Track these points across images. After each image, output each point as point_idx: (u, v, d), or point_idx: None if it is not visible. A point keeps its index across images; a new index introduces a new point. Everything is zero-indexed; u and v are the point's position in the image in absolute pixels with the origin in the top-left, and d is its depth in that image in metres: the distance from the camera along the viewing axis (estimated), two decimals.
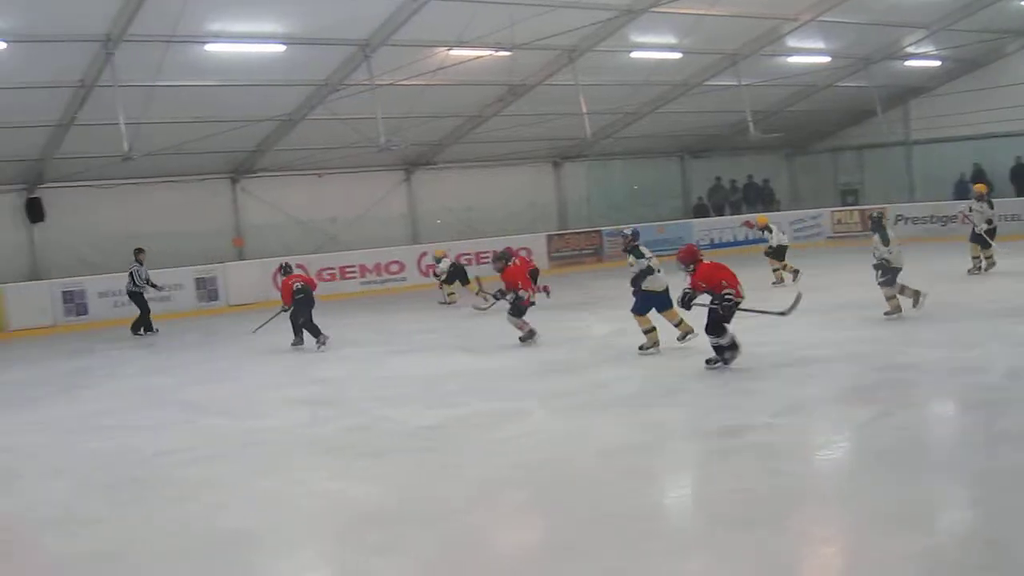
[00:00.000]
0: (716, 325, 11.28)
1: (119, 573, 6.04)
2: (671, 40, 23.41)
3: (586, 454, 8.06)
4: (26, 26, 16.83)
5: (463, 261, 23.61)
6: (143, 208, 24.16)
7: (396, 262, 26.43)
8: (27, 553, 6.67)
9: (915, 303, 13.95)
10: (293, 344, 15.88)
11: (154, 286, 20.27)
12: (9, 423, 11.26)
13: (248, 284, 24.32)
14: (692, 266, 11.56)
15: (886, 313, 13.93)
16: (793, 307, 11.62)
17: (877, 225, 14.33)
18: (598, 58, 22.94)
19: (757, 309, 11.84)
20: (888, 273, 13.87)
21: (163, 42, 17.97)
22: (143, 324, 19.79)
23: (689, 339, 12.73)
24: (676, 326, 12.92)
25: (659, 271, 12.85)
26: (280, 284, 16.47)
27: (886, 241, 13.88)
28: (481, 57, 20.54)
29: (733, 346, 11.30)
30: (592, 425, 9.14)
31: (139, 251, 20.29)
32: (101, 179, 22.77)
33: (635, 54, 23.75)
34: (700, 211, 32.69)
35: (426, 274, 25.44)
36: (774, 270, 19.72)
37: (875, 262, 13.99)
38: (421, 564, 5.80)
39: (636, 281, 12.89)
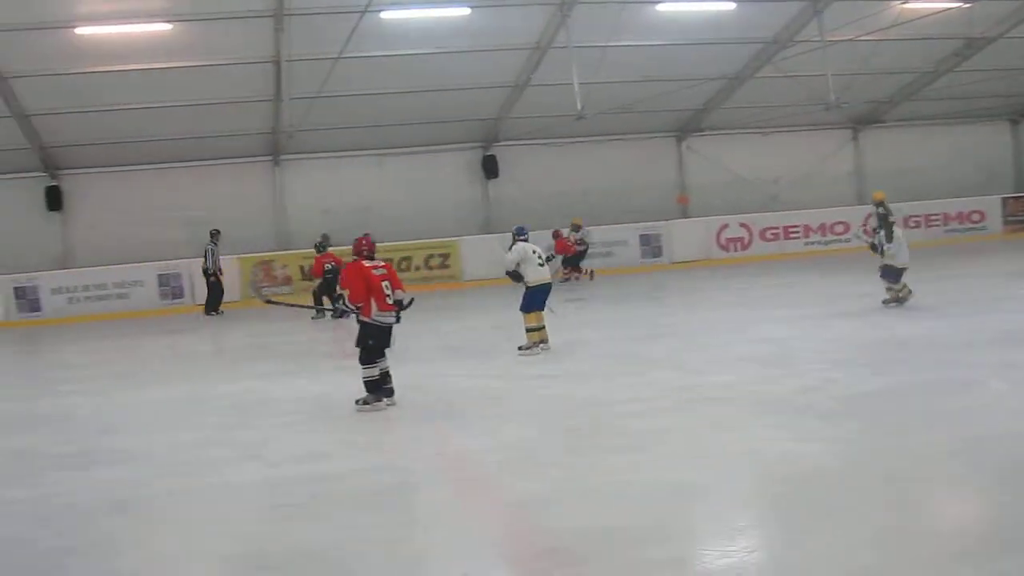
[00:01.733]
0: (363, 352, 10.15)
1: (555, 515, 6.53)
2: None
3: None
4: None
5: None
6: (590, 166, 25.58)
7: (841, 223, 25.97)
8: (486, 491, 7.47)
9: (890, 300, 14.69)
10: (313, 318, 17.85)
11: (218, 271, 21.46)
12: (474, 368, 12.52)
13: (691, 242, 25.05)
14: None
15: (884, 301, 14.70)
16: None
17: (883, 220, 15.17)
18: None
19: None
20: (889, 271, 14.66)
21: (617, 3, 18.92)
22: (211, 305, 21.21)
23: None
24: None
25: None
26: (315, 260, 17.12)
27: (889, 237, 14.73)
28: (937, 12, 19.71)
29: (379, 385, 10.11)
30: None
31: (215, 232, 22.04)
32: (551, 138, 24.25)
33: None
34: None
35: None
36: None
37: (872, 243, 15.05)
38: (870, 529, 5.87)
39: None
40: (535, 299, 13.06)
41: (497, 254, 23.57)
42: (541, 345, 13.09)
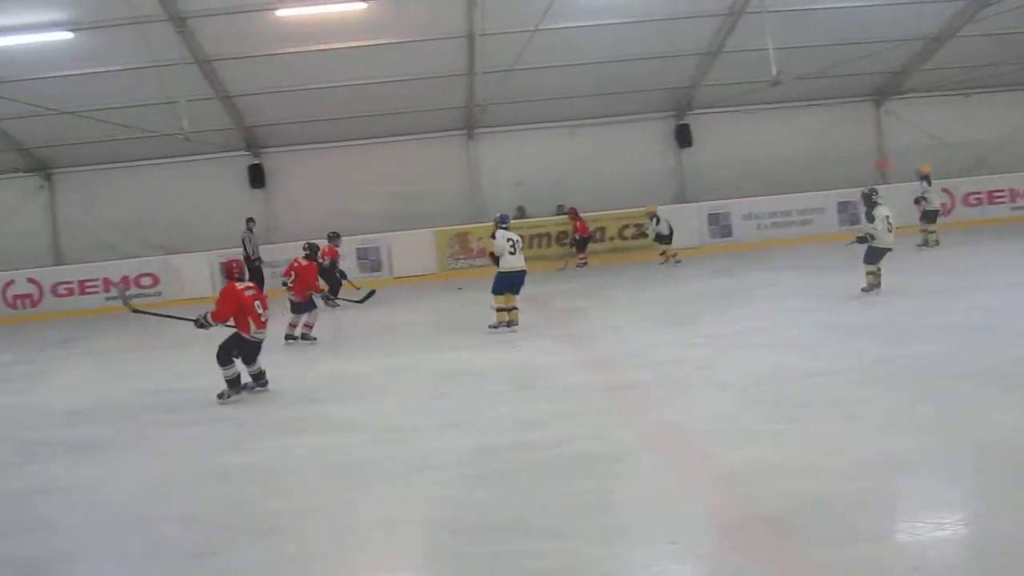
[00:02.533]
0: (222, 353, 10.93)
1: (767, 485, 6.62)
2: None
3: None
4: None
5: None
6: (785, 132, 25.15)
7: None
8: (696, 459, 7.60)
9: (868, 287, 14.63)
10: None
11: (258, 259, 21.75)
12: (677, 337, 12.63)
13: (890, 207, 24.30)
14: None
15: (863, 288, 14.60)
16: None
17: (867, 201, 15.36)
18: None
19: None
20: (872, 252, 14.69)
21: None
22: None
23: None
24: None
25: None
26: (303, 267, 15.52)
27: (870, 218, 15.01)
28: None
29: (237, 382, 10.96)
30: None
31: (249, 220, 22.53)
32: (745, 104, 23.96)
33: None
34: None
35: None
36: None
37: (859, 235, 15.04)
38: None
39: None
40: (505, 283, 14.21)
41: (692, 224, 23.81)
42: (510, 326, 14.17)
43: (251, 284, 11.47)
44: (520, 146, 25.18)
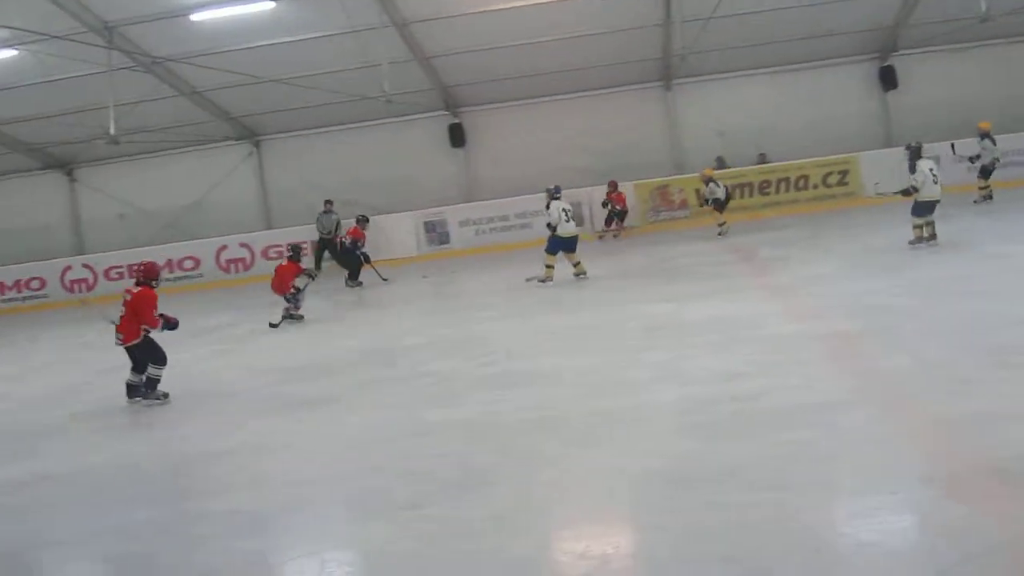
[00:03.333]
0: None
1: (991, 436, 6.35)
2: None
3: None
4: None
5: None
6: (994, 70, 23.73)
7: None
8: (913, 408, 7.38)
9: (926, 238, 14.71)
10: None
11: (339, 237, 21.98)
12: (885, 285, 12.27)
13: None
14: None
15: (910, 241, 14.78)
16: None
17: (914, 154, 14.96)
18: None
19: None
20: (919, 205, 14.65)
21: None
22: (354, 275, 20.76)
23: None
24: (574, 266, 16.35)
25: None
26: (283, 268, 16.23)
27: (912, 170, 14.75)
28: None
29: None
30: None
31: (327, 202, 23.40)
32: (952, 43, 22.85)
33: None
34: None
35: None
36: None
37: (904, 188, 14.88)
38: None
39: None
40: (560, 244, 16.27)
41: (899, 170, 22.81)
42: (577, 277, 16.32)
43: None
44: (719, 95, 24.75)
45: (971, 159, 19.50)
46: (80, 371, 13.96)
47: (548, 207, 16.38)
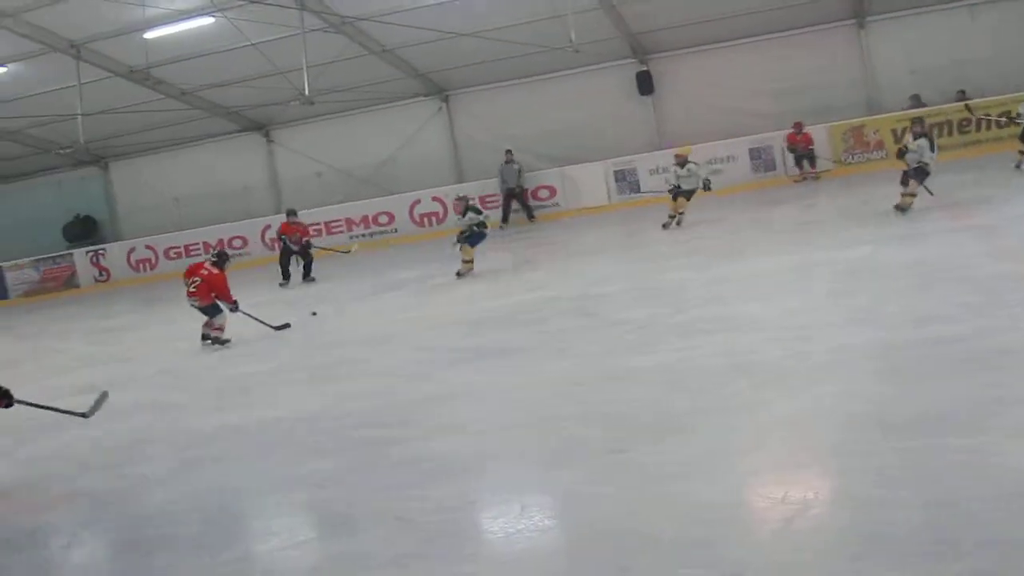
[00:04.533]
0: None
1: None
2: None
3: None
4: None
5: None
6: None
7: None
8: None
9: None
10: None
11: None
12: None
13: None
14: None
15: (896, 206, 14.82)
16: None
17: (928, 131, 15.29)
18: None
19: None
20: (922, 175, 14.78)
21: None
22: None
23: None
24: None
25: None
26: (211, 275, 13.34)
27: (933, 148, 14.95)
28: None
29: None
30: None
31: (508, 152, 23.48)
32: None
33: None
34: None
35: None
36: None
37: (915, 166, 14.82)
38: None
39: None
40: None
41: None
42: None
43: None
44: (914, 31, 23.53)
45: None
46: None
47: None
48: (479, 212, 16.68)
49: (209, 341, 13.23)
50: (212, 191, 27.89)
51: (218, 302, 13.17)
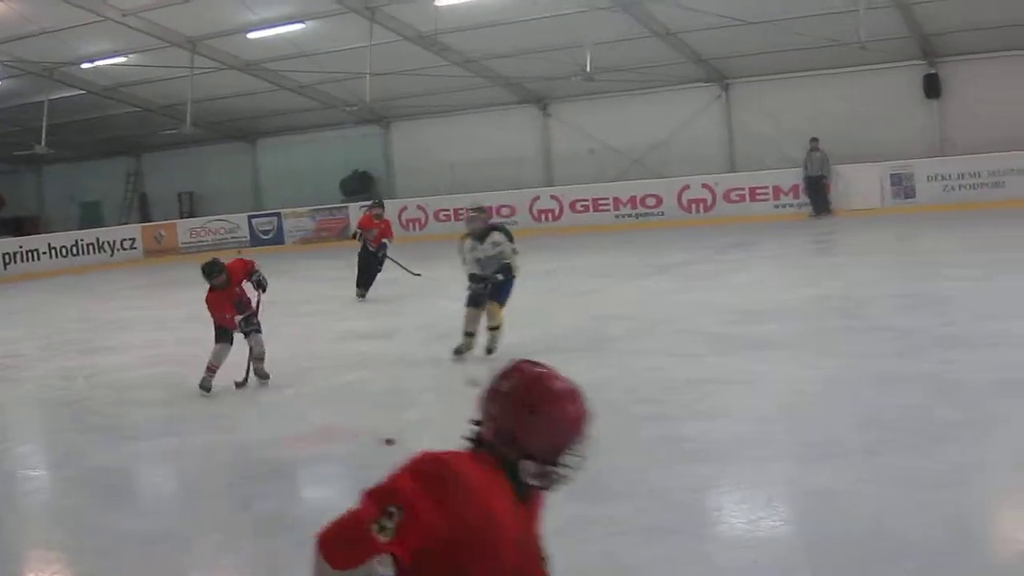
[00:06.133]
0: None
1: None
2: None
3: None
4: None
5: None
6: None
7: None
8: None
9: None
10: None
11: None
12: None
13: None
14: None
15: None
16: None
17: None
18: None
19: None
20: None
21: None
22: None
23: None
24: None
25: None
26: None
27: None
28: None
29: None
30: None
31: (813, 140, 22.91)
32: None
33: None
34: None
35: None
36: None
37: None
38: None
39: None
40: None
41: None
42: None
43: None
44: None
45: None
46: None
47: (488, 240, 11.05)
48: (510, 237, 11.10)
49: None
50: (486, 159, 28.97)
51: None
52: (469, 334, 10.88)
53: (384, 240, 16.94)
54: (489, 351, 10.79)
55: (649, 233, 23.67)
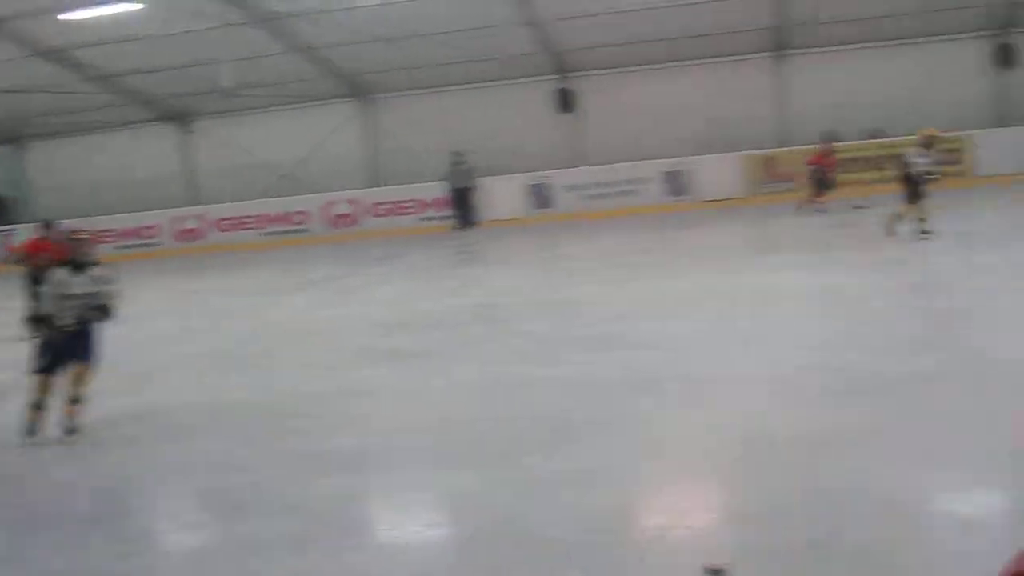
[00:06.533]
0: None
1: None
2: None
3: None
4: None
5: None
6: None
7: None
8: None
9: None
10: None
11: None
12: None
13: None
14: None
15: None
16: None
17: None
18: None
19: None
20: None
21: None
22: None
23: None
24: None
25: None
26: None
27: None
28: None
29: None
30: None
31: (456, 153, 23.13)
32: None
33: None
34: None
35: None
36: None
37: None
38: None
39: None
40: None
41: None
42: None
43: None
44: (833, 69, 24.39)
45: None
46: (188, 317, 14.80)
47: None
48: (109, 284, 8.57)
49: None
50: (130, 178, 27.73)
51: None
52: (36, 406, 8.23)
53: None
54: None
55: (296, 250, 23.40)
